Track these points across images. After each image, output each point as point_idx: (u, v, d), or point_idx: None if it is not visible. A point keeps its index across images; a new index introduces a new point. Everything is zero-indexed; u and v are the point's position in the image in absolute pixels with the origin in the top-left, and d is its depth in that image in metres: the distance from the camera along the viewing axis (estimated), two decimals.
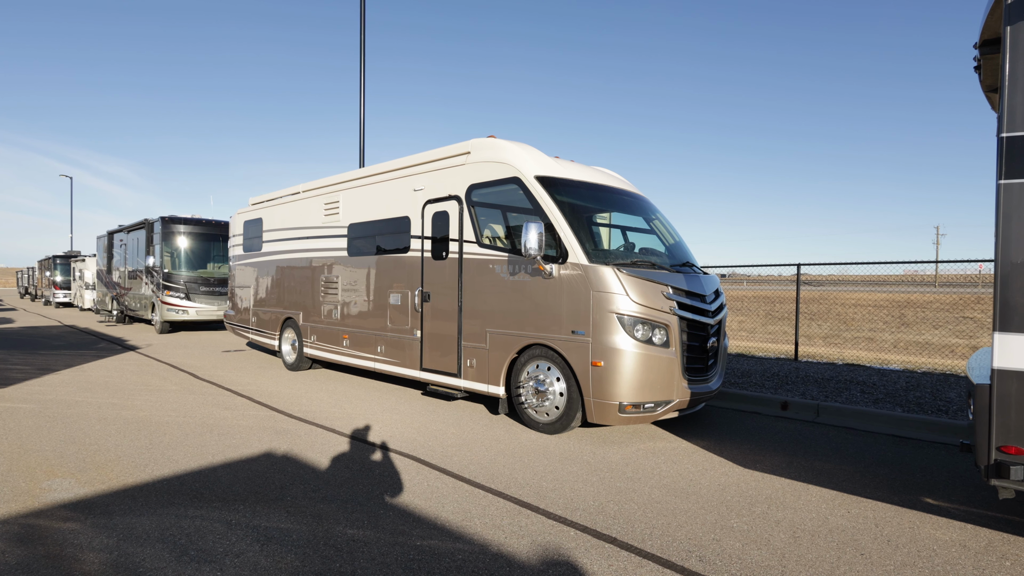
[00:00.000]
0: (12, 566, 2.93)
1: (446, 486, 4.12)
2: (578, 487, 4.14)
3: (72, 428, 5.59)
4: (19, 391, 7.42)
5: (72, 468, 4.44)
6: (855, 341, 15.63)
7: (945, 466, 4.73)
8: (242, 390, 7.65)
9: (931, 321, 20.07)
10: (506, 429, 5.71)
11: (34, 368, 9.32)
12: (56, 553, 3.07)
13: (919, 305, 24.32)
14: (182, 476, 4.26)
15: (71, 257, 29.58)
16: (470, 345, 6.25)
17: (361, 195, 7.94)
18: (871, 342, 15.21)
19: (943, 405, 6.36)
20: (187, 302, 15.27)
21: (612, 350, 5.08)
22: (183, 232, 15.74)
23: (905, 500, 3.98)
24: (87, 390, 7.50)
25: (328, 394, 7.41)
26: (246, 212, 10.91)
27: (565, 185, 5.88)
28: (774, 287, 35.96)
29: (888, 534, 3.44)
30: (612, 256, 5.72)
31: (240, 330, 11.13)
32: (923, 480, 4.39)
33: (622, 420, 5.18)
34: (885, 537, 3.39)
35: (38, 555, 3.05)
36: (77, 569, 2.90)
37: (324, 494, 3.94)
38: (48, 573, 2.85)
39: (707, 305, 5.68)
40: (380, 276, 7.52)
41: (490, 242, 6.15)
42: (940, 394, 6.96)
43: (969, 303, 22.21)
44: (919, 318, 21.02)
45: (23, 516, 3.55)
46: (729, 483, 4.27)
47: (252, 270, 10.59)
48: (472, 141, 6.45)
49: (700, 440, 5.43)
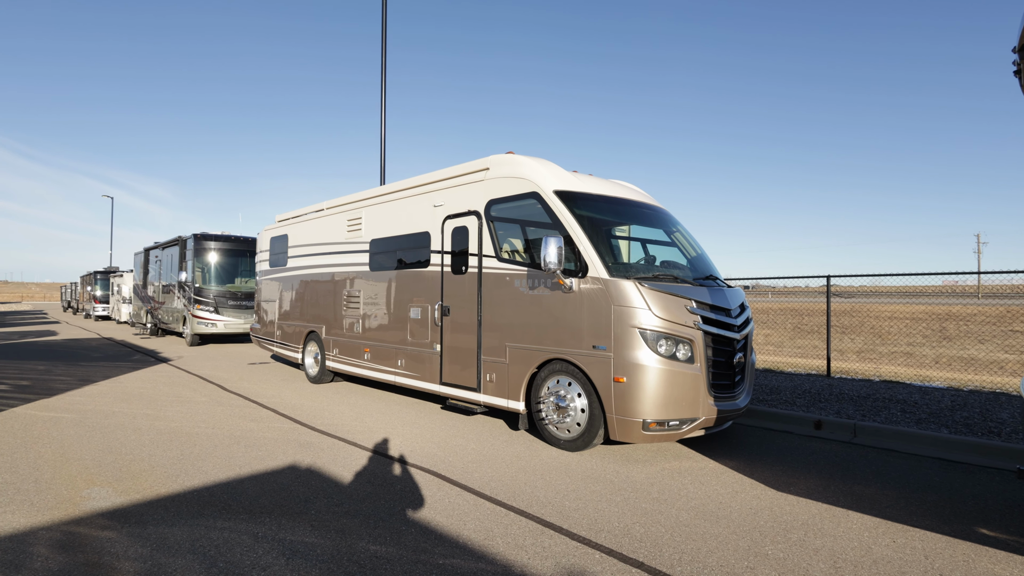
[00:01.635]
0: (55, 572, 3.04)
1: (467, 503, 4.11)
2: (602, 507, 4.09)
3: (109, 438, 5.76)
4: (62, 401, 7.70)
5: (109, 477, 4.57)
6: (892, 356, 15.05)
7: (1000, 493, 4.46)
8: (267, 402, 7.78)
9: (976, 335, 19.22)
10: (526, 445, 5.68)
11: (75, 379, 9.65)
12: (94, 561, 3.16)
13: (961, 318, 23.35)
14: (211, 487, 4.35)
15: (110, 273, 30.62)
16: (490, 359, 6.26)
17: (382, 211, 8.07)
18: (910, 357, 14.62)
19: (994, 426, 6.04)
20: (216, 316, 15.64)
21: (635, 366, 5.03)
22: (213, 248, 16.18)
23: (957, 530, 3.75)
24: (123, 401, 7.73)
25: (350, 407, 7.49)
26: (272, 229, 11.18)
27: (584, 199, 5.89)
28: (801, 299, 35.07)
29: (940, 567, 3.24)
30: (633, 270, 5.68)
31: (265, 343, 11.34)
32: (976, 508, 4.15)
33: (646, 438, 5.11)
34: (936, 570, 3.20)
35: (78, 562, 3.15)
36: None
37: (347, 508, 3.97)
38: None
39: (733, 319, 5.58)
40: (401, 290, 7.60)
41: (509, 256, 6.18)
42: (990, 414, 6.60)
43: (1017, 316, 21.18)
44: (962, 332, 20.15)
45: (64, 523, 3.67)
46: (761, 507, 4.15)
47: (277, 285, 10.82)
48: (491, 157, 6.51)
49: (729, 460, 5.31)
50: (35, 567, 3.08)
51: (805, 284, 42.24)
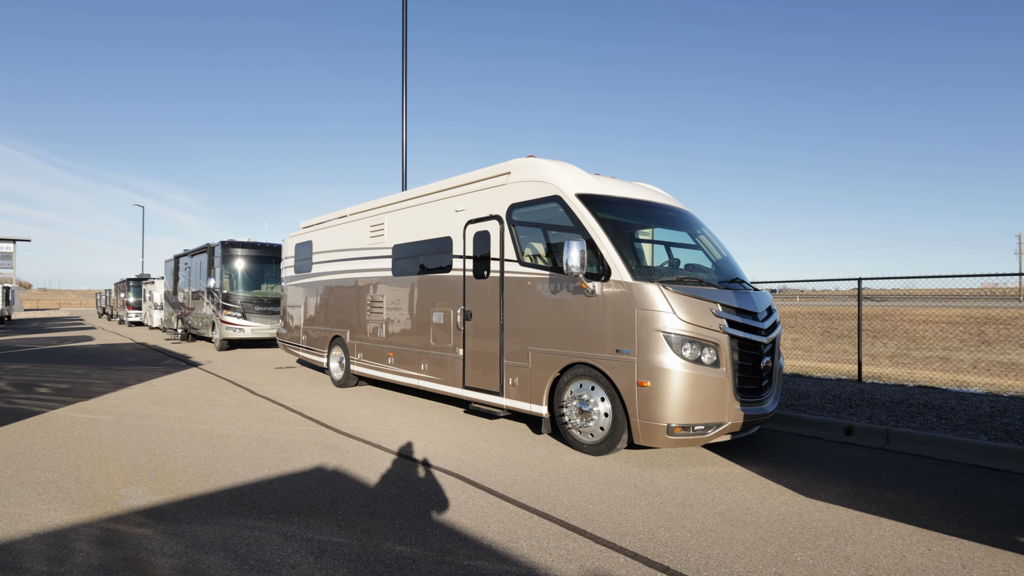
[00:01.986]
0: (96, 567, 3.16)
1: (491, 506, 4.13)
2: (626, 511, 4.07)
3: (144, 439, 5.94)
4: (99, 404, 7.97)
5: (145, 477, 4.72)
6: (927, 361, 14.61)
7: None
8: (294, 405, 7.92)
9: (1016, 339, 18.55)
10: (549, 449, 5.68)
11: (111, 382, 9.97)
12: (132, 557, 3.27)
13: (1001, 321, 22.50)
14: (241, 488, 4.45)
15: (142, 280, 31.52)
16: (512, 363, 6.28)
17: (405, 217, 8.17)
18: (945, 362, 14.16)
19: None
20: (243, 321, 15.98)
21: (659, 370, 5.00)
22: (240, 255, 16.54)
23: (996, 539, 3.63)
24: (157, 403, 7.95)
25: (374, 411, 7.58)
26: (297, 235, 11.40)
27: (606, 202, 5.88)
28: (831, 302, 34.20)
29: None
30: (657, 273, 5.65)
31: (291, 347, 11.55)
32: (1016, 517, 4.01)
33: (671, 443, 5.07)
34: None
35: (117, 558, 3.27)
36: (152, 574, 3.08)
37: (373, 509, 4.02)
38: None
39: (759, 323, 5.51)
40: (423, 295, 7.68)
41: (531, 260, 6.20)
42: None
43: None
44: (1002, 336, 19.44)
45: (104, 520, 3.81)
46: (790, 513, 4.08)
47: (302, 290, 11.01)
48: (512, 161, 6.55)
49: (755, 466, 5.23)
50: (77, 562, 3.20)
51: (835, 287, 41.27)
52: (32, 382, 10.03)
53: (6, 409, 7.53)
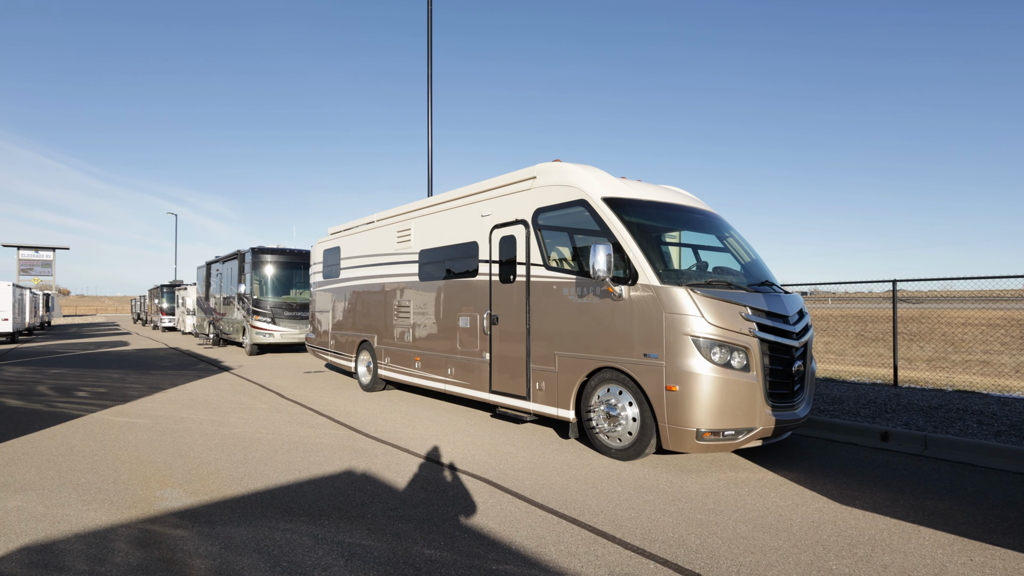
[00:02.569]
0: (134, 567, 3.25)
1: (519, 510, 4.12)
2: (655, 517, 4.02)
3: (179, 442, 6.08)
4: (135, 407, 8.20)
5: (180, 479, 4.83)
6: (966, 365, 14.18)
7: None
8: (323, 409, 8.03)
9: None
10: (577, 454, 5.64)
11: (146, 386, 10.25)
12: (169, 558, 3.35)
13: None
14: (273, 490, 4.52)
15: (175, 286, 32.36)
16: (539, 368, 6.26)
17: (431, 222, 8.24)
18: (986, 366, 13.73)
19: None
20: (273, 326, 16.27)
21: (687, 374, 4.94)
22: (270, 261, 16.85)
23: None
24: (190, 407, 8.15)
25: (401, 415, 7.64)
26: (325, 241, 11.57)
27: (633, 205, 5.84)
28: (864, 305, 33.34)
29: None
30: (685, 276, 5.59)
31: (320, 352, 11.72)
32: None
33: (700, 448, 5.00)
34: None
35: (154, 558, 3.35)
36: (188, 574, 3.15)
37: (402, 513, 4.05)
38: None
39: (790, 326, 5.41)
40: (450, 300, 7.73)
41: (557, 265, 6.18)
42: None
43: None
44: None
45: (141, 521, 3.91)
46: (824, 520, 3.98)
47: (330, 295, 11.18)
48: (538, 166, 6.56)
49: (788, 472, 5.12)
50: (117, 562, 3.29)
51: (868, 289, 40.33)
52: (71, 386, 10.38)
53: (48, 412, 7.80)
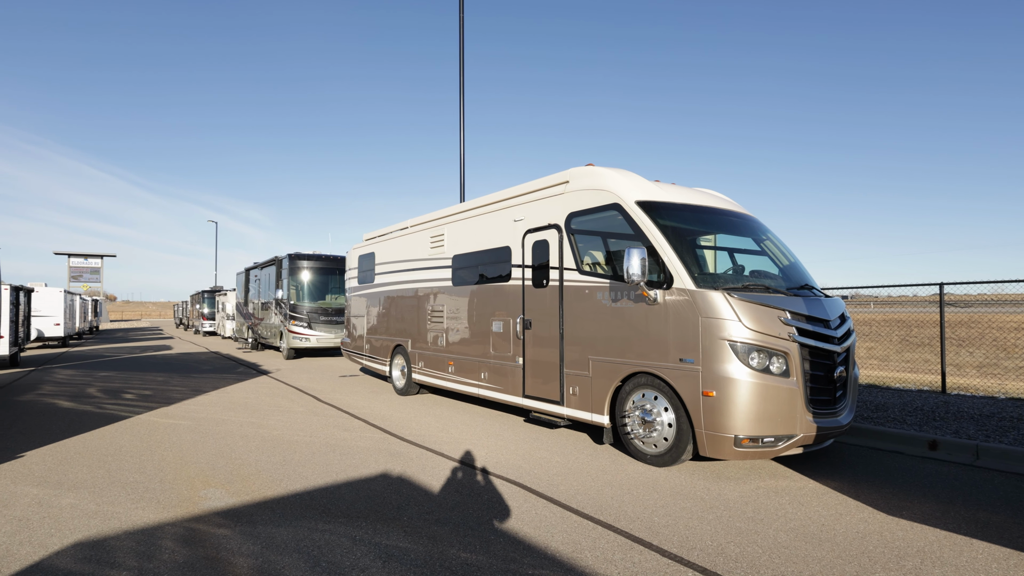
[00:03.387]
0: (181, 565, 3.35)
1: (554, 515, 4.11)
2: (693, 524, 3.95)
3: (220, 443, 6.26)
4: (178, 409, 8.48)
5: (222, 479, 4.97)
6: (1020, 371, 13.60)
7: None
8: (358, 413, 8.16)
9: None
10: (611, 459, 5.59)
11: (189, 389, 10.60)
12: (213, 556, 3.45)
13: None
14: (311, 492, 4.61)
15: (215, 291, 33.39)
16: (572, 372, 6.23)
17: (464, 227, 8.30)
18: None
19: None
20: (309, 331, 16.61)
21: (725, 379, 4.84)
22: (306, 267, 17.23)
23: None
24: (231, 410, 8.38)
25: (435, 419, 7.70)
26: (360, 247, 11.78)
27: (667, 209, 5.77)
28: (908, 309, 32.09)
29: None
30: (721, 280, 5.49)
31: (354, 356, 11.91)
32: None
33: (738, 455, 4.89)
34: None
35: (199, 556, 3.45)
36: (231, 572, 3.24)
37: (437, 516, 4.08)
38: (208, 574, 3.21)
39: (832, 331, 5.26)
40: (483, 304, 7.76)
41: (591, 269, 6.15)
42: None
43: None
44: None
45: (186, 520, 4.03)
46: (869, 531, 3.85)
47: (365, 300, 11.36)
48: (571, 170, 6.54)
49: (830, 480, 4.97)
50: (164, 559, 3.40)
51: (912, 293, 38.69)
52: (119, 388, 10.81)
53: (97, 414, 8.14)
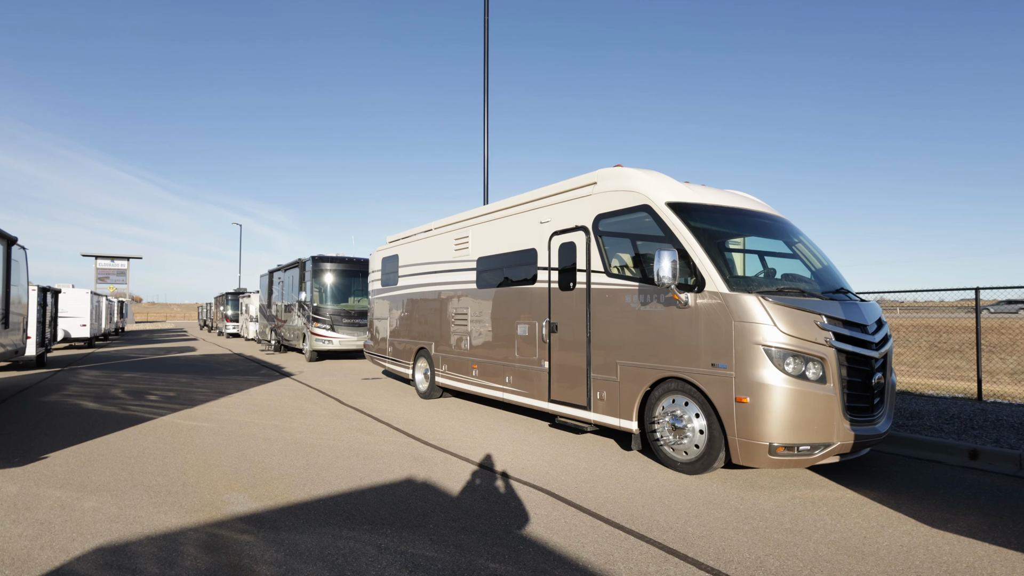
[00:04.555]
0: (202, 572, 3.29)
1: (583, 524, 3.99)
2: (729, 536, 3.80)
3: (244, 447, 6.25)
4: (202, 411, 8.52)
5: (245, 483, 4.94)
6: None
7: None
8: (381, 416, 8.12)
9: None
10: (640, 466, 5.45)
11: (212, 391, 10.68)
12: (235, 563, 3.39)
13: None
14: (335, 497, 4.55)
15: (239, 293, 33.79)
16: (599, 377, 6.10)
17: (489, 229, 8.23)
18: None
19: None
20: (332, 333, 16.67)
21: (759, 385, 4.68)
22: (329, 269, 17.31)
23: None
24: (254, 412, 8.40)
25: (460, 423, 7.62)
26: (384, 249, 11.78)
27: (698, 210, 5.63)
28: (936, 314, 31.48)
29: None
30: (755, 283, 5.33)
31: (377, 359, 11.90)
32: None
33: (772, 463, 4.72)
34: None
35: (222, 563, 3.39)
36: None
37: (464, 524, 3.98)
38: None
39: (869, 336, 5.07)
40: (508, 307, 7.67)
41: (619, 272, 6.03)
42: None
43: None
44: None
45: (208, 526, 3.99)
46: (914, 544, 3.68)
47: (388, 303, 11.35)
48: (599, 171, 6.43)
49: (868, 490, 4.78)
50: (186, 565, 3.35)
51: (939, 298, 37.97)
52: (143, 390, 10.93)
53: (121, 415, 8.21)
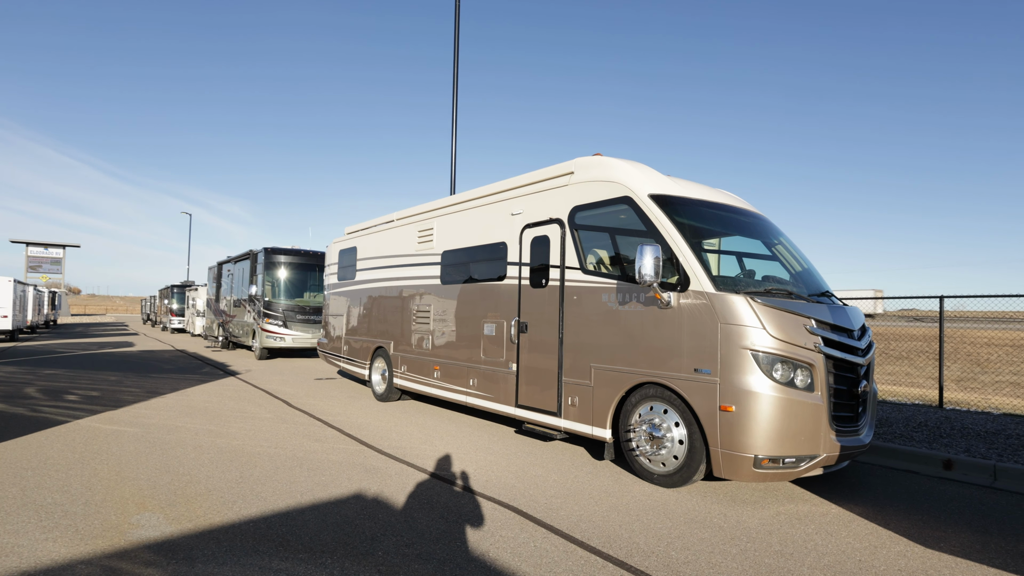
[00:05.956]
0: None
1: (556, 549, 3.53)
2: (716, 560, 3.41)
3: (168, 456, 5.52)
4: (127, 414, 7.63)
5: (163, 501, 4.25)
6: (996, 385, 13.72)
7: None
8: (332, 421, 7.47)
9: None
10: (614, 478, 5.04)
11: (143, 391, 9.72)
12: None
13: None
14: (269, 517, 3.94)
15: (186, 286, 32.04)
16: (572, 381, 5.67)
17: (456, 221, 7.70)
18: (1017, 387, 13.29)
19: None
20: (284, 330, 15.76)
21: (746, 393, 4.33)
22: (283, 262, 16.37)
23: None
24: (188, 415, 7.60)
25: (418, 428, 7.05)
26: (341, 241, 11.06)
27: (684, 204, 5.26)
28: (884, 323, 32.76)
29: None
30: (742, 283, 5.00)
31: (332, 358, 11.18)
32: None
33: (756, 476, 4.38)
34: None
35: None
36: None
37: (419, 551, 3.46)
38: None
39: (856, 342, 4.82)
40: (474, 305, 7.15)
41: (595, 268, 5.61)
42: None
43: None
44: None
45: (106, 557, 3.31)
46: (912, 568, 3.39)
47: (345, 299, 10.65)
48: (576, 160, 6.00)
49: (853, 505, 4.50)
50: None
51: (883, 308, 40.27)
52: (63, 388, 9.84)
53: (29, 418, 7.20)
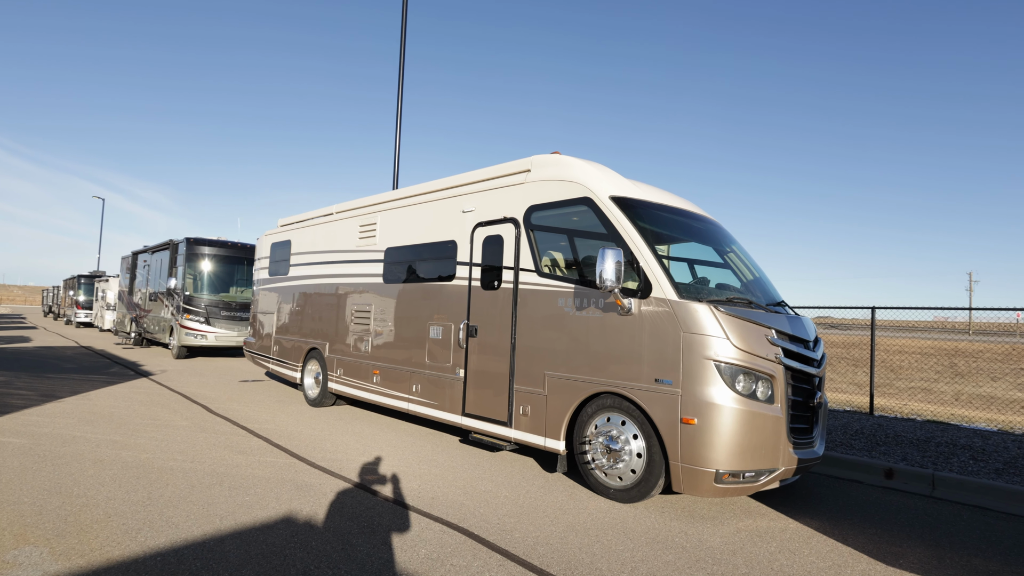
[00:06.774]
0: None
1: None
2: None
3: (61, 472, 4.76)
4: (14, 421, 6.65)
5: (49, 531, 3.58)
6: (911, 392, 14.72)
7: None
8: (259, 429, 6.81)
9: (986, 372, 19.24)
10: (568, 493, 4.78)
11: (37, 394, 8.60)
12: None
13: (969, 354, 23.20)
14: (181, 549, 3.39)
15: (95, 277, 29.45)
16: (524, 389, 5.37)
17: (402, 217, 7.22)
18: (929, 393, 14.34)
19: None
20: (206, 327, 14.61)
21: (708, 405, 4.18)
22: (207, 254, 15.19)
23: None
24: (89, 423, 6.71)
25: (355, 437, 6.54)
26: (274, 234, 10.28)
27: (646, 208, 5.07)
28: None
29: None
30: (705, 291, 4.87)
31: (260, 359, 10.37)
32: None
33: (717, 492, 4.23)
34: None
35: None
36: None
37: None
38: None
39: (812, 352, 4.79)
40: (419, 306, 6.72)
41: (551, 271, 5.34)
42: None
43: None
44: (972, 368, 20.11)
45: None
46: None
47: (277, 295, 9.89)
48: (533, 158, 5.71)
49: (809, 519, 4.45)
50: None
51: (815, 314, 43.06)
52: None
53: None
